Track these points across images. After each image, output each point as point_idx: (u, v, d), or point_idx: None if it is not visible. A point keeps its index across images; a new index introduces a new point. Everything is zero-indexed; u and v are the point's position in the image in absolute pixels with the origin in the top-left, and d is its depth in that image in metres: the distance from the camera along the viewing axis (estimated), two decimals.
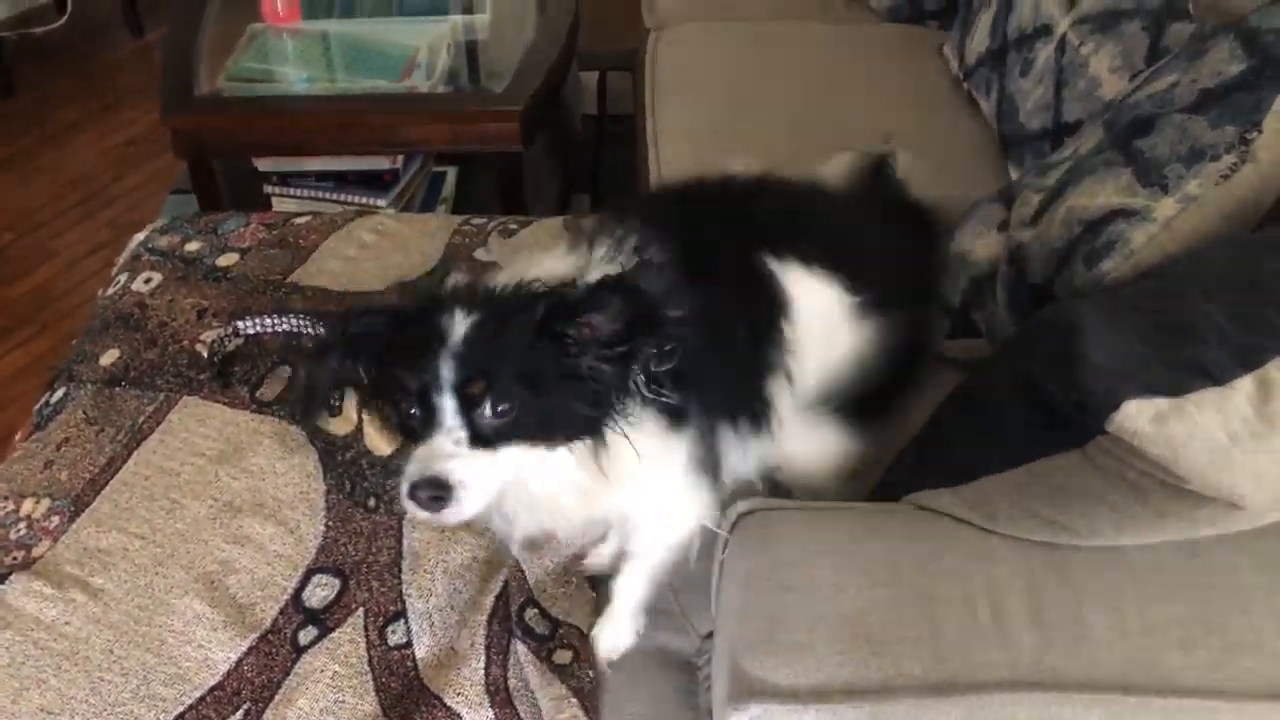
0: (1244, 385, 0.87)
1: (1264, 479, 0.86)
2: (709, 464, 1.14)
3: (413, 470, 0.95)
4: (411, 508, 0.97)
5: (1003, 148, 1.95)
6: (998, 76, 1.98)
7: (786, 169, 1.33)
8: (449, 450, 0.94)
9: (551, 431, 1.01)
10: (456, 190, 2.59)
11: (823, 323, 1.21)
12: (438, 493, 0.94)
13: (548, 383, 0.98)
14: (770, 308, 1.17)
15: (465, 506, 0.95)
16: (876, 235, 1.35)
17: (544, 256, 1.13)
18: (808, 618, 1.00)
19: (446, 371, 0.95)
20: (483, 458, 0.96)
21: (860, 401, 1.29)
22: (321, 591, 1.29)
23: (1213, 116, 1.17)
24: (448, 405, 0.95)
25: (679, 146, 2.16)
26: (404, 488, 0.96)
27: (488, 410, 0.96)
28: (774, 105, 2.21)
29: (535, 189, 2.54)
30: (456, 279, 1.11)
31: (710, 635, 1.25)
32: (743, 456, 1.21)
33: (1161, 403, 0.86)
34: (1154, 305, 0.99)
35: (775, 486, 1.32)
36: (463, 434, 0.95)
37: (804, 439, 1.29)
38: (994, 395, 1.12)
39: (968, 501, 1.08)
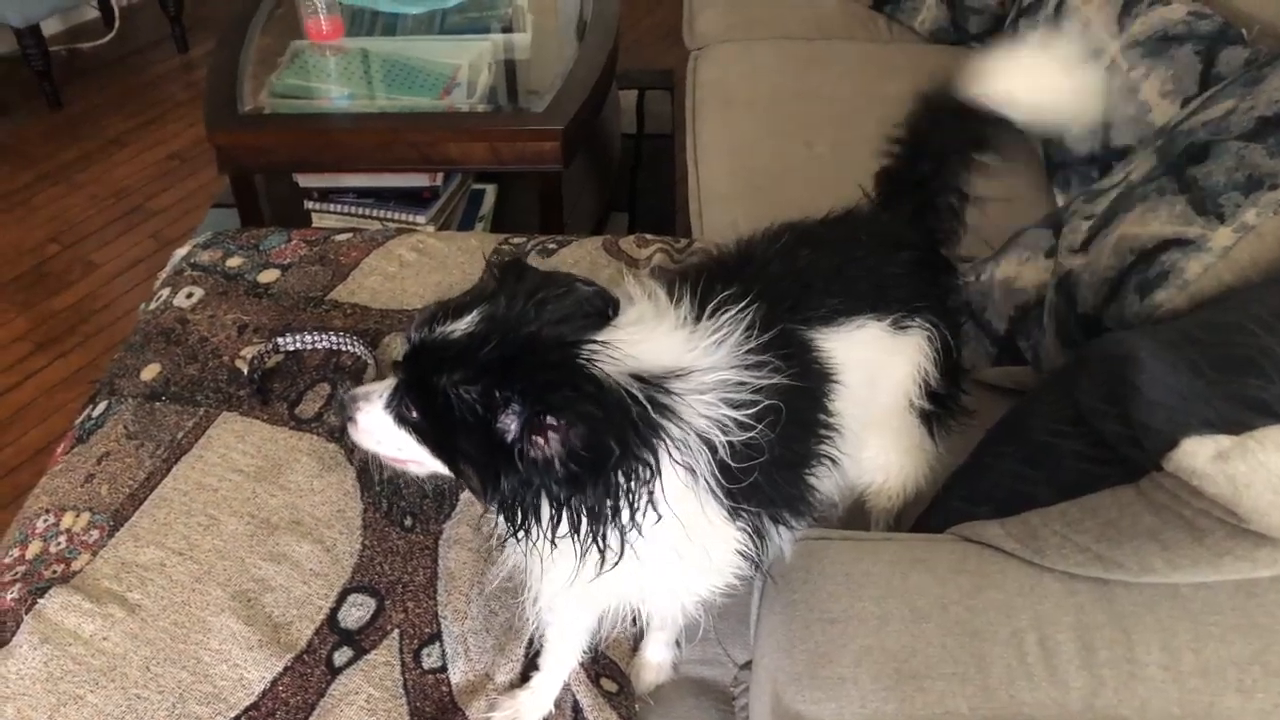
0: None
1: None
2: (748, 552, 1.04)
3: (355, 390, 1.05)
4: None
5: (1049, 173, 1.93)
6: None
7: (825, 190, 1.31)
8: (375, 394, 1.02)
9: (454, 468, 1.00)
10: (495, 208, 2.59)
11: (865, 365, 1.13)
12: (352, 409, 1.03)
13: (466, 438, 0.93)
14: (814, 391, 1.07)
15: (359, 434, 1.04)
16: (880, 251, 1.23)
17: (654, 330, 0.97)
18: (851, 651, 0.98)
19: (409, 363, 0.97)
20: (389, 419, 1.01)
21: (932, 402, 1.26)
22: (357, 612, 1.29)
23: (1271, 145, 1.15)
24: (390, 382, 1.02)
25: (719, 165, 2.16)
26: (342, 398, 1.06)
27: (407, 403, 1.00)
28: (814, 126, 2.20)
29: (574, 207, 2.55)
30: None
31: (747, 664, 1.23)
32: (784, 539, 1.12)
33: (1223, 440, 0.83)
34: (1212, 338, 0.97)
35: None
36: (384, 398, 1.01)
37: (892, 453, 1.28)
38: (1043, 426, 1.09)
39: (1014, 534, 1.06)
